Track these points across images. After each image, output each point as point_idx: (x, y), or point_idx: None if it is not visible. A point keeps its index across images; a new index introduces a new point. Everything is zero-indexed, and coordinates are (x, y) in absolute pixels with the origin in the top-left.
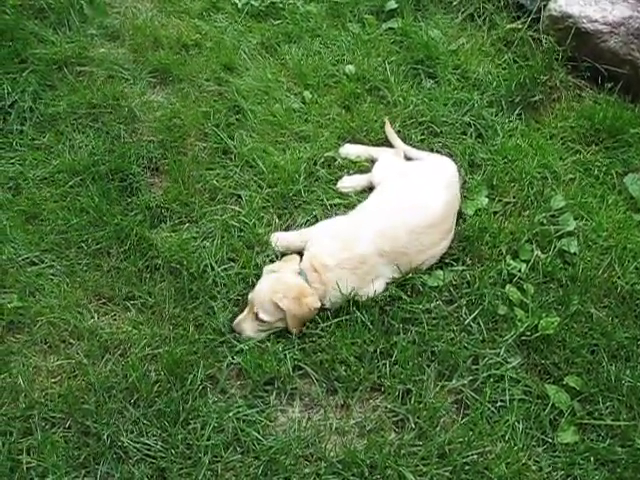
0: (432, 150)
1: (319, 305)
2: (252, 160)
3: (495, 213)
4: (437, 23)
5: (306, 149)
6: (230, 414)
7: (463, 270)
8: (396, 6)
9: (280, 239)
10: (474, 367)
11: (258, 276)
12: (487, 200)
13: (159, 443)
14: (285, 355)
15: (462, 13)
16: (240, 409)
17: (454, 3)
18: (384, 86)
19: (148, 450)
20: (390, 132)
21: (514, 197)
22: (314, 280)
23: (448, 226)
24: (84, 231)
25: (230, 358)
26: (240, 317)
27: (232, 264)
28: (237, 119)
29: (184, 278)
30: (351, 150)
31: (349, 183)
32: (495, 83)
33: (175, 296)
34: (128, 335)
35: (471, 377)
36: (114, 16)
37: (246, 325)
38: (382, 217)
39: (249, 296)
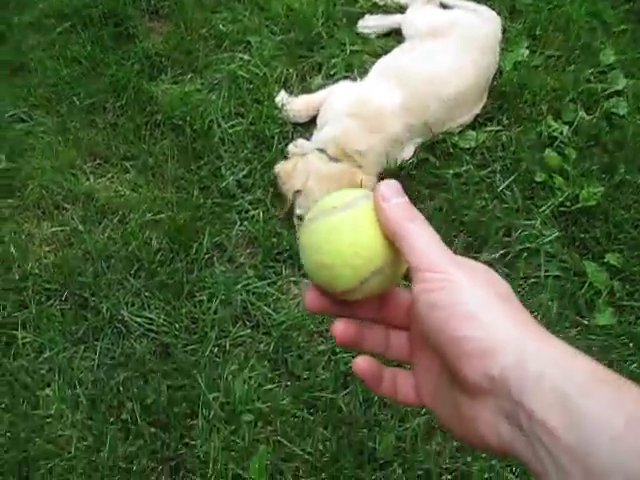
0: None
1: None
2: (263, 2)
3: (536, 67)
4: None
5: None
6: (239, 286)
7: (498, 131)
8: None
9: (292, 102)
10: (506, 239)
11: (269, 132)
12: (527, 52)
13: (162, 317)
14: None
15: None
16: (250, 280)
17: None
18: None
19: (150, 324)
20: None
21: (558, 49)
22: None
23: (482, 92)
24: (76, 83)
25: (239, 224)
26: None
27: (240, 120)
28: None
29: (187, 135)
30: None
31: (371, 22)
32: None
33: (178, 156)
34: (127, 199)
35: (503, 250)
36: None
37: None
38: (409, 87)
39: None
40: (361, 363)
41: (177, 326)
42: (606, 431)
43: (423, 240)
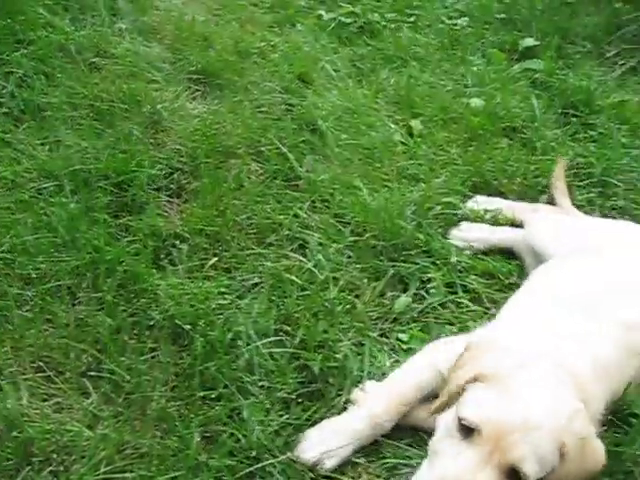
0: (605, 217)
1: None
2: (329, 195)
3: None
4: (589, 75)
5: (412, 191)
6: None
7: None
8: (535, 43)
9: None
10: None
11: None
12: None
13: None
14: None
15: (620, 66)
16: None
17: (608, 55)
18: (526, 128)
19: None
20: (560, 181)
21: None
22: None
23: None
24: (41, 254)
25: None
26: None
27: (285, 338)
28: (309, 141)
29: (195, 349)
30: (485, 205)
31: (469, 233)
32: None
33: (175, 380)
34: (73, 441)
35: None
36: (155, 13)
37: None
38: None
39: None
40: None
41: None
42: None
43: None
